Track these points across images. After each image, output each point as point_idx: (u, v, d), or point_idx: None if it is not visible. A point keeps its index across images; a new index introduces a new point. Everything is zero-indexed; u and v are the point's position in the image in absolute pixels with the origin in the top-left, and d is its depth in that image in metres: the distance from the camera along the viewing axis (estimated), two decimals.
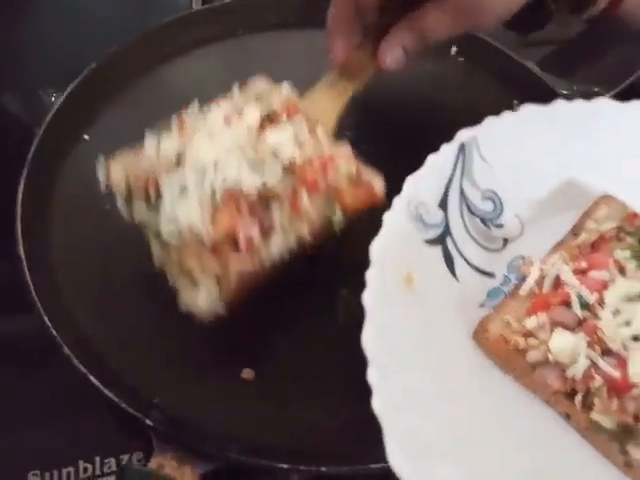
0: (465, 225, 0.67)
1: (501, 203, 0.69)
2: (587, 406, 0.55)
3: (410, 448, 0.51)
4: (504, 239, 0.68)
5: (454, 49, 0.95)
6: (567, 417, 0.57)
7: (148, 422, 0.62)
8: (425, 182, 0.65)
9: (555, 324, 0.58)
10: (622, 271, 0.61)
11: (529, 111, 0.71)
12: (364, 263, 0.57)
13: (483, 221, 0.68)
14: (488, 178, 0.69)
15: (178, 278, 0.63)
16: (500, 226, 0.68)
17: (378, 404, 0.51)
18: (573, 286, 0.59)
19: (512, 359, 0.58)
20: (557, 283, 0.61)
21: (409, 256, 0.61)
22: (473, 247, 0.66)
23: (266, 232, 0.61)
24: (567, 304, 0.59)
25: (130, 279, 0.73)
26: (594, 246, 0.64)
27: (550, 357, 0.56)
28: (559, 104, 0.72)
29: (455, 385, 0.58)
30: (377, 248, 0.59)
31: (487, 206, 0.68)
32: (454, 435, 0.54)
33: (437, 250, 0.64)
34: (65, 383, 0.66)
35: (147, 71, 0.90)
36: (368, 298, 0.56)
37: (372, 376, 0.52)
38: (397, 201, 0.62)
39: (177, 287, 0.63)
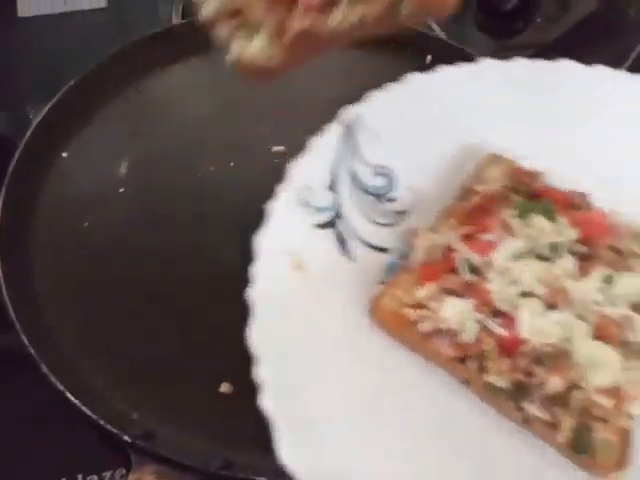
0: (357, 204, 0.67)
1: (394, 177, 0.69)
2: (482, 369, 0.55)
3: (303, 442, 0.51)
4: (399, 212, 0.68)
5: (429, 57, 0.93)
6: (466, 383, 0.58)
7: (126, 438, 0.61)
8: (310, 166, 0.65)
9: (445, 292, 0.58)
10: (509, 231, 0.61)
11: (414, 80, 0.71)
12: None
13: (376, 197, 0.68)
14: (379, 153, 0.69)
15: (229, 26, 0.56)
16: (393, 200, 0.68)
17: (267, 402, 0.51)
18: (460, 251, 0.59)
19: (406, 332, 0.58)
20: (447, 251, 0.61)
21: (299, 243, 0.61)
22: (367, 225, 0.66)
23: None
24: (456, 271, 0.59)
25: (112, 296, 0.72)
26: (482, 209, 0.64)
27: (441, 325, 0.56)
28: (444, 70, 0.72)
29: (355, 369, 0.58)
30: (262, 240, 0.59)
31: (379, 182, 0.68)
32: (354, 421, 0.55)
33: (329, 233, 0.64)
34: (46, 400, 0.65)
35: (126, 87, 0.88)
36: (253, 294, 0.56)
37: (260, 374, 0.52)
38: (281, 189, 0.62)
39: (226, 36, 0.56)
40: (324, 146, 0.66)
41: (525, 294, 0.57)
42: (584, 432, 0.53)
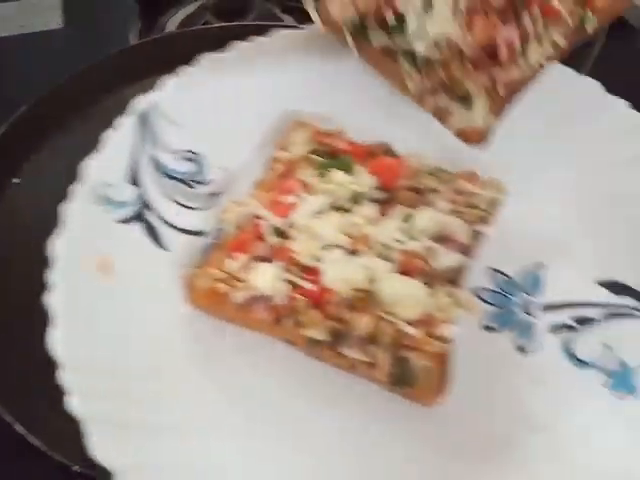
0: (165, 192, 0.66)
1: (202, 160, 0.68)
2: (298, 326, 0.56)
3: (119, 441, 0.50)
4: (213, 194, 0.68)
5: None
6: (290, 343, 0.58)
7: (76, 469, 0.59)
8: (106, 161, 0.63)
9: (255, 260, 0.58)
10: (310, 190, 0.62)
11: (206, 61, 0.71)
12: None
13: (185, 183, 0.67)
14: (182, 139, 0.68)
15: (446, 100, 0.60)
16: (206, 183, 0.68)
17: (77, 405, 0.50)
18: (264, 217, 0.60)
19: (223, 307, 0.58)
20: (254, 221, 0.61)
21: (103, 242, 0.60)
22: (180, 211, 0.66)
23: (522, 39, 0.57)
24: (262, 237, 0.59)
25: None
26: (285, 174, 0.65)
27: (254, 293, 0.57)
28: (236, 46, 0.72)
29: (172, 362, 0.57)
30: (58, 244, 0.57)
31: (187, 167, 0.68)
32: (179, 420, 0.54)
33: (137, 227, 0.63)
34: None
35: (78, 112, 0.84)
36: (53, 300, 0.54)
37: (66, 380, 0.51)
38: (76, 189, 0.60)
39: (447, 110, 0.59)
40: (118, 139, 0.64)
41: (327, 247, 0.58)
42: (401, 364, 0.55)
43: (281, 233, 0.59)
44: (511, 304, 0.63)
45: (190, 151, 0.68)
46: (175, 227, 0.65)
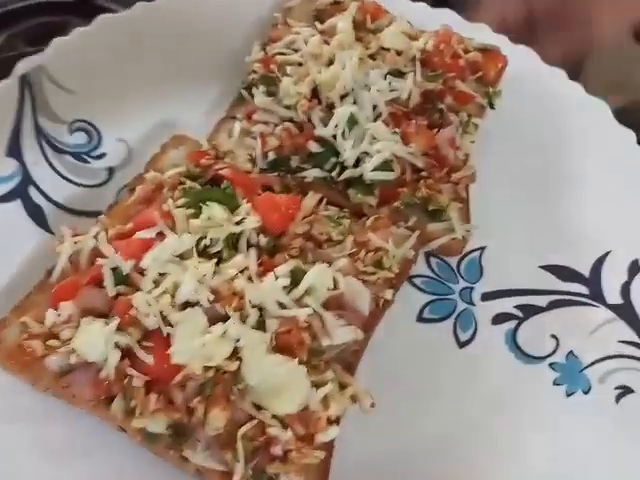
0: (53, 167, 0.53)
1: (97, 130, 0.55)
2: (130, 412, 0.40)
3: None
4: (109, 169, 0.54)
5: None
6: (124, 431, 0.42)
7: None
8: None
9: (85, 313, 0.42)
10: (174, 226, 0.46)
11: (104, 21, 0.57)
12: None
13: (77, 156, 0.54)
14: (74, 107, 0.55)
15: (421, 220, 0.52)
16: (101, 156, 0.55)
17: None
18: (108, 256, 0.43)
19: (36, 372, 0.42)
20: (95, 258, 0.44)
21: None
22: (70, 189, 0.53)
23: None
24: (101, 283, 0.43)
25: None
26: (149, 200, 0.49)
27: (73, 358, 0.40)
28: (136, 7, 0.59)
29: None
30: None
31: (79, 138, 0.55)
32: None
33: (16, 205, 0.50)
34: None
35: None
36: None
37: None
38: None
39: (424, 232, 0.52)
40: None
41: (186, 305, 0.42)
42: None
43: (126, 280, 0.42)
44: (450, 292, 0.54)
45: (84, 120, 0.55)
46: (65, 207, 0.52)
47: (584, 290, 0.54)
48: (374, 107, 0.55)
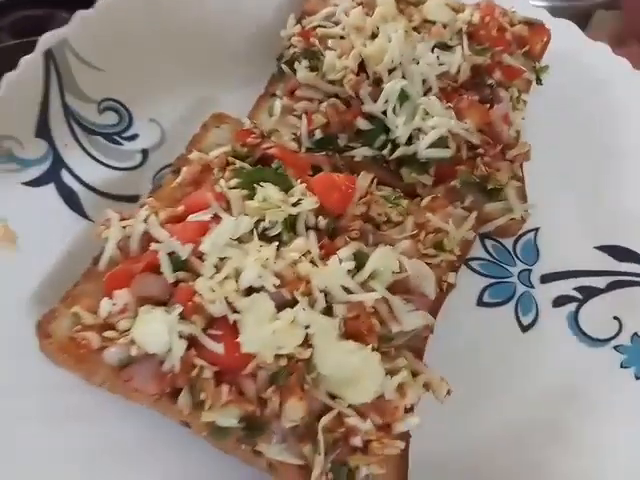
0: (84, 149, 0.50)
1: (128, 110, 0.52)
2: (198, 405, 0.37)
3: None
4: (143, 151, 0.52)
5: None
6: (187, 425, 0.39)
7: None
8: (7, 109, 0.46)
9: (142, 301, 0.39)
10: (229, 209, 0.43)
11: None
12: None
13: (108, 137, 0.51)
14: (102, 85, 0.52)
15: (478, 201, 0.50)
16: (134, 137, 0.52)
17: None
18: (163, 241, 0.41)
19: (91, 365, 0.39)
20: (146, 243, 0.42)
21: (5, 209, 0.45)
22: (104, 172, 0.50)
23: None
24: (157, 269, 0.40)
25: None
26: (196, 182, 0.46)
27: (134, 350, 0.37)
28: None
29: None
30: None
31: (109, 119, 0.52)
32: None
33: (49, 190, 0.47)
34: None
35: None
36: None
37: None
38: None
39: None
40: (22, 83, 0.48)
41: (250, 291, 0.39)
42: (342, 474, 0.37)
43: (184, 266, 0.40)
44: (508, 275, 0.52)
45: (113, 99, 0.53)
46: (100, 191, 0.49)
47: None
48: (423, 81, 0.52)
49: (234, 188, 0.44)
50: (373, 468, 0.37)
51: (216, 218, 0.42)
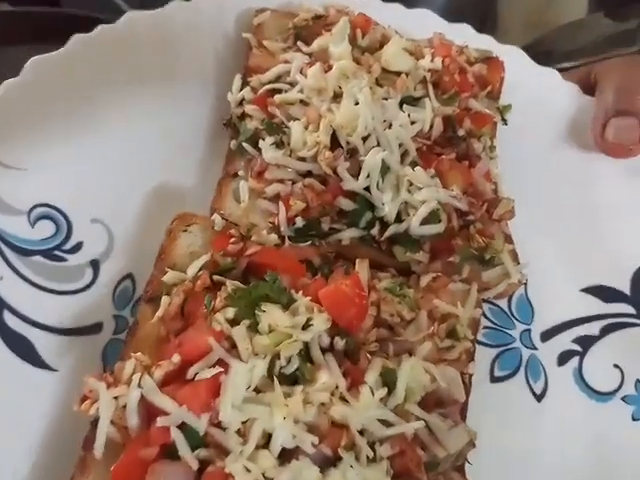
0: (24, 277, 0.40)
1: (64, 214, 0.43)
2: None
3: None
4: (92, 262, 0.43)
5: None
6: None
7: None
8: None
9: None
10: (231, 346, 0.36)
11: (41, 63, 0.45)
12: None
13: (48, 254, 0.42)
14: (27, 189, 0.42)
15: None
16: (78, 247, 0.43)
17: None
18: (170, 412, 0.33)
19: None
20: (146, 413, 0.34)
21: None
22: (54, 302, 0.41)
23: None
24: (171, 450, 0.33)
25: None
26: (185, 313, 0.38)
27: None
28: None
29: None
30: None
31: (44, 230, 0.42)
32: None
33: None
34: None
35: None
36: None
37: None
38: None
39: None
40: None
41: (282, 452, 0.33)
42: None
43: (203, 441, 0.33)
44: (511, 340, 0.49)
45: (42, 204, 0.43)
46: (51, 328, 0.40)
47: (630, 310, 0.51)
48: (399, 145, 0.47)
49: (233, 320, 0.37)
50: None
51: (221, 363, 0.36)
